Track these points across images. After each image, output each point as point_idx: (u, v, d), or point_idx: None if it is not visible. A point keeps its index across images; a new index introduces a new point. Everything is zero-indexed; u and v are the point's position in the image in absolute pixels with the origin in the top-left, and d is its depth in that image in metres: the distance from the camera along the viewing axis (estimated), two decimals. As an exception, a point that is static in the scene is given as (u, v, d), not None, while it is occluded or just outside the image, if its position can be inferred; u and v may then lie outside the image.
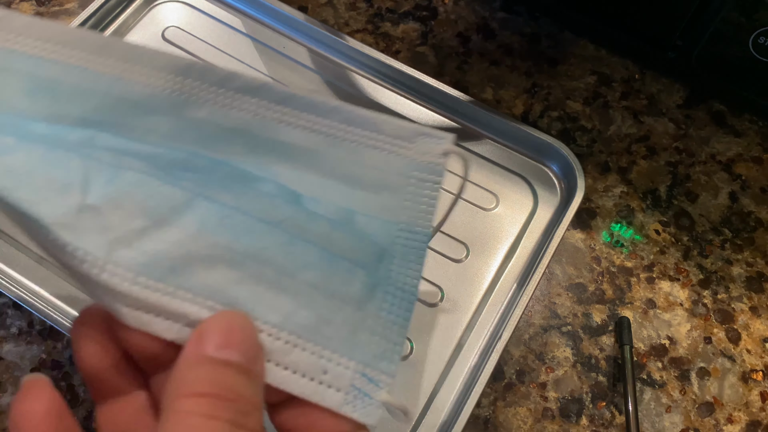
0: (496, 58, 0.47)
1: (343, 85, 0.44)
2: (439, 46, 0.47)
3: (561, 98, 0.46)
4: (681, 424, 0.37)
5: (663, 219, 0.42)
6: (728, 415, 0.37)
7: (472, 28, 0.48)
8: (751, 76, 0.40)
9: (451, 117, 0.43)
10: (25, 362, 0.37)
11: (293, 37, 0.45)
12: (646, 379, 0.38)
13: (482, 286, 0.38)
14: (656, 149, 0.44)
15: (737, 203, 0.43)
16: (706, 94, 0.46)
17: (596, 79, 0.46)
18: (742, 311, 0.40)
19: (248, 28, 0.45)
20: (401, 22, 0.48)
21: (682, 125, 0.45)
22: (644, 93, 0.46)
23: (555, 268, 0.40)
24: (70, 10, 0.47)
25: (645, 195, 0.43)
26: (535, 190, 0.41)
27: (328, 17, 0.48)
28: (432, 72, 0.45)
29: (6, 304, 0.38)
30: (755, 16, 0.36)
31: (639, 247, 0.41)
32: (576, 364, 0.38)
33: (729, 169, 0.44)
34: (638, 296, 0.40)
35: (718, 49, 0.40)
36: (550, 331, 0.39)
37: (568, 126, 0.45)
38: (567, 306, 0.39)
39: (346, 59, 0.44)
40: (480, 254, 0.39)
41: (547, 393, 0.37)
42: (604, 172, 0.43)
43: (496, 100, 0.45)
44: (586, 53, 0.47)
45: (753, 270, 0.41)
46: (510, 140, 0.42)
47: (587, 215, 0.42)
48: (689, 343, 0.39)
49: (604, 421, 0.37)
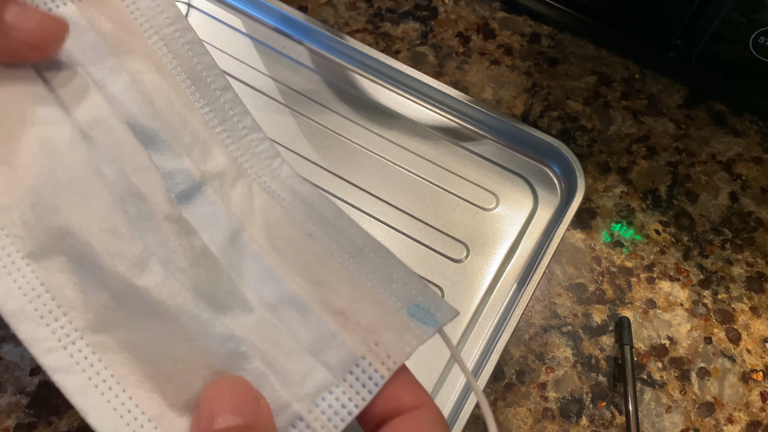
0: (496, 58, 0.47)
1: (343, 85, 0.44)
2: (439, 46, 0.47)
3: (561, 98, 0.46)
4: (681, 424, 0.37)
5: (663, 219, 0.42)
6: (728, 416, 0.37)
7: (472, 28, 0.48)
8: (752, 76, 0.40)
9: (451, 117, 0.43)
10: (25, 362, 0.37)
11: (293, 37, 0.45)
12: (647, 379, 0.38)
13: (482, 286, 0.38)
14: (656, 149, 0.44)
15: (737, 203, 0.43)
16: (706, 94, 0.46)
17: (596, 79, 0.46)
18: (743, 311, 0.40)
19: (248, 28, 0.45)
20: (401, 21, 0.48)
21: (682, 125, 0.45)
22: (644, 93, 0.46)
23: (555, 268, 0.40)
24: (70, 10, 0.47)
25: (645, 195, 0.43)
26: (535, 190, 0.41)
27: (328, 17, 0.48)
28: (432, 72, 0.45)
29: (6, 304, 0.38)
30: (755, 16, 0.36)
31: (639, 247, 0.41)
32: (576, 364, 0.38)
33: (729, 169, 0.44)
34: (638, 296, 0.40)
35: (718, 49, 0.40)
36: (550, 331, 0.39)
37: (568, 126, 0.45)
38: (567, 306, 0.39)
39: (346, 59, 0.44)
40: (480, 254, 0.39)
41: (547, 393, 0.37)
42: (605, 172, 0.43)
43: (496, 100, 0.45)
44: (586, 53, 0.47)
45: (753, 270, 0.41)
46: (510, 140, 0.42)
47: (587, 215, 0.42)
48: (689, 343, 0.39)
49: (604, 422, 0.37)
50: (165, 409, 0.22)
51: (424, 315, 0.24)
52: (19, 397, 0.36)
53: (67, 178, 0.22)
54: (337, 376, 0.23)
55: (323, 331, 0.24)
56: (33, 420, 0.35)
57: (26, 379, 0.36)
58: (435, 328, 0.23)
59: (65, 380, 0.21)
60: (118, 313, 0.22)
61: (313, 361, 0.23)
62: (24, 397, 0.36)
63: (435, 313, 0.24)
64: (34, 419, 0.35)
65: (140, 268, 0.22)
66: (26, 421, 0.35)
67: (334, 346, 0.23)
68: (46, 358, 0.22)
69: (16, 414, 0.35)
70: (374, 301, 0.24)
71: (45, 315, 0.22)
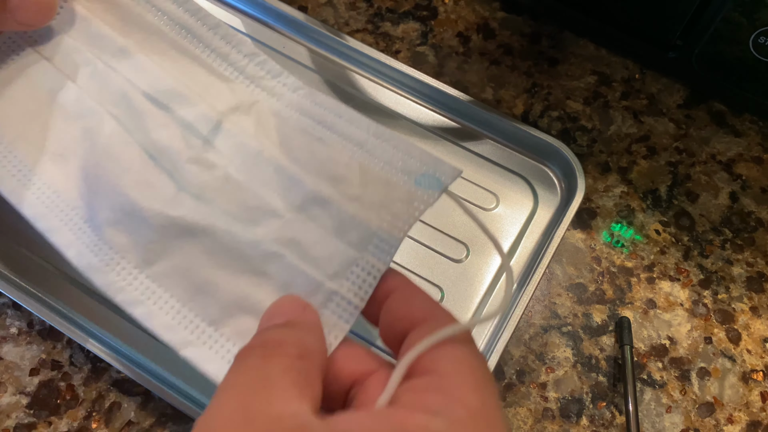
0: (496, 58, 0.47)
1: (343, 85, 0.44)
2: (439, 46, 0.47)
3: (561, 98, 0.46)
4: (681, 424, 0.37)
5: (663, 219, 0.42)
6: (728, 416, 0.37)
7: (472, 27, 0.48)
8: (752, 76, 0.40)
9: (451, 117, 0.43)
10: (25, 362, 0.37)
11: (293, 37, 0.45)
12: (647, 379, 0.38)
13: (482, 286, 0.38)
14: (656, 149, 0.44)
15: (738, 203, 0.43)
16: (706, 94, 0.46)
17: (596, 78, 0.46)
18: (743, 311, 0.40)
19: (248, 28, 0.45)
20: (401, 21, 0.48)
21: (682, 125, 0.45)
22: (644, 93, 0.46)
23: (555, 268, 0.40)
24: (70, 10, 0.47)
25: (645, 195, 0.43)
26: (535, 190, 0.41)
27: (328, 17, 0.48)
28: (432, 72, 0.45)
29: (6, 304, 0.38)
30: (755, 16, 0.36)
31: (639, 247, 0.41)
32: (576, 364, 0.38)
33: (729, 169, 0.44)
34: (638, 296, 0.40)
35: (718, 49, 0.40)
36: (551, 331, 0.39)
37: (568, 126, 0.45)
38: (567, 306, 0.39)
39: (346, 59, 0.44)
40: (480, 254, 0.39)
41: (547, 393, 0.37)
42: (605, 172, 0.43)
43: (496, 100, 0.45)
44: (587, 53, 0.47)
45: (753, 270, 0.41)
46: (510, 140, 0.42)
47: (587, 215, 0.42)
48: (689, 343, 0.39)
49: (604, 422, 0.37)
50: (220, 313, 0.27)
51: (430, 181, 0.28)
52: (19, 397, 0.36)
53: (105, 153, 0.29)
54: (360, 250, 0.27)
55: (343, 217, 0.28)
56: (33, 420, 0.35)
57: (26, 379, 0.36)
58: (440, 191, 0.27)
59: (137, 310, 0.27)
60: (163, 244, 0.28)
61: (338, 243, 0.27)
62: (24, 397, 0.36)
63: (440, 177, 0.28)
64: (34, 419, 0.35)
65: (174, 203, 0.28)
66: (26, 421, 0.35)
67: (354, 226, 0.27)
68: (118, 296, 0.28)
69: (16, 414, 0.35)
70: (384, 181, 0.28)
71: (109, 263, 0.28)
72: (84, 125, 0.30)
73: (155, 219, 0.28)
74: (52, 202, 0.30)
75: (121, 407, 0.36)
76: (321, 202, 0.28)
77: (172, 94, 0.31)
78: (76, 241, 0.29)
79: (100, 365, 0.37)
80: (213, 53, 0.33)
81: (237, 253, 0.27)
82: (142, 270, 0.28)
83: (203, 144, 0.30)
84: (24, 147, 0.31)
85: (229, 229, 0.27)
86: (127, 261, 0.28)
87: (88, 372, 0.37)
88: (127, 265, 0.28)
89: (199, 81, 0.32)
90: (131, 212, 0.28)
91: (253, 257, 0.27)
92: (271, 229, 0.28)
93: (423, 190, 0.27)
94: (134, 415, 0.36)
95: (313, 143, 0.30)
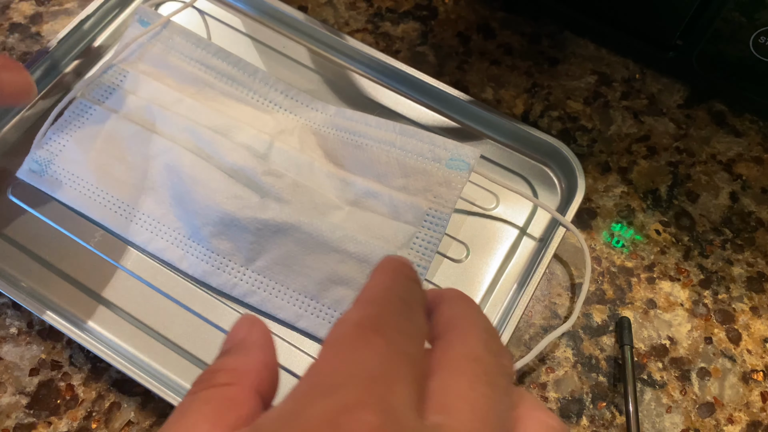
0: (496, 58, 0.47)
1: (343, 84, 0.44)
2: (439, 46, 0.47)
3: (561, 98, 0.45)
4: (681, 424, 0.37)
5: (663, 219, 0.42)
6: (729, 416, 0.37)
7: (472, 27, 0.48)
8: (752, 75, 0.40)
9: (451, 117, 0.43)
10: (25, 362, 0.37)
11: (293, 37, 0.45)
12: (647, 379, 0.38)
13: (482, 286, 0.38)
14: (657, 149, 0.44)
15: (738, 203, 0.43)
16: (706, 94, 0.46)
17: (596, 78, 0.46)
18: (743, 311, 0.40)
19: (248, 28, 0.45)
20: (401, 21, 0.48)
21: (682, 125, 0.45)
22: (644, 93, 0.46)
23: (555, 268, 0.40)
24: (69, 9, 0.47)
25: (645, 195, 0.43)
26: (536, 190, 0.41)
27: (328, 17, 0.48)
28: (432, 72, 0.45)
29: (6, 304, 0.38)
30: (755, 16, 0.36)
31: (639, 247, 0.41)
32: (576, 364, 0.38)
33: (729, 169, 0.44)
34: (639, 296, 0.40)
35: (718, 49, 0.40)
36: (551, 332, 0.39)
37: (568, 126, 0.45)
38: (567, 306, 0.39)
39: (346, 59, 0.44)
40: (480, 254, 0.39)
41: (547, 393, 0.37)
42: (605, 172, 0.43)
43: (496, 100, 0.45)
44: (587, 53, 0.47)
45: (753, 270, 0.41)
46: (510, 140, 0.42)
47: (587, 215, 0.42)
48: (690, 343, 0.39)
49: (604, 422, 0.37)
50: (318, 288, 0.35)
51: (459, 164, 0.35)
52: (19, 398, 0.36)
53: (192, 179, 0.36)
54: (417, 225, 0.35)
55: (395, 203, 0.36)
56: (33, 420, 0.35)
57: (26, 379, 0.36)
58: (469, 170, 0.36)
59: (252, 299, 0.35)
60: (261, 243, 0.35)
61: (397, 223, 0.35)
62: (24, 397, 0.36)
63: (465, 159, 0.35)
64: (33, 419, 0.35)
65: (263, 208, 0.35)
66: (26, 421, 0.35)
67: (407, 208, 0.35)
68: (234, 290, 0.35)
69: (15, 414, 0.35)
70: (421, 170, 0.36)
71: (219, 266, 0.36)
72: (165, 161, 0.37)
73: (251, 224, 0.35)
74: (155, 228, 0.37)
75: (121, 407, 0.36)
76: (373, 195, 0.36)
77: (228, 126, 0.38)
78: (186, 255, 0.36)
79: (100, 365, 0.37)
80: (255, 94, 0.40)
81: (320, 239, 0.34)
82: (249, 266, 0.35)
83: (265, 160, 0.37)
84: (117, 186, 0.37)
85: (310, 222, 0.34)
86: (234, 262, 0.35)
87: (87, 372, 0.37)
88: (235, 265, 0.35)
89: (246, 114, 0.39)
90: (230, 223, 0.35)
91: (333, 240, 0.34)
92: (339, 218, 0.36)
93: (455, 172, 0.35)
94: (134, 415, 0.36)
95: (354, 150, 0.37)
